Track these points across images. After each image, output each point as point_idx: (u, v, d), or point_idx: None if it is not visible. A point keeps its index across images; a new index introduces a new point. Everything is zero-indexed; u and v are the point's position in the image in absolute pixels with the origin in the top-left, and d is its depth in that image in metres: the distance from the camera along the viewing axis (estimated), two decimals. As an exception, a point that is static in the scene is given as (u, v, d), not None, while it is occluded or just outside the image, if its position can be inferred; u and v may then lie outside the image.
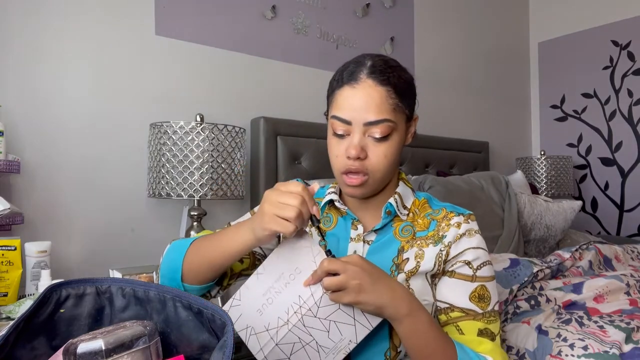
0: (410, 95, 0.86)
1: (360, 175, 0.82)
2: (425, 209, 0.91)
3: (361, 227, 0.89)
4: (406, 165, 2.26)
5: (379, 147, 0.82)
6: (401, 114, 0.83)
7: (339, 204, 0.92)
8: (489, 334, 0.81)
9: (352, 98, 0.81)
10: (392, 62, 0.86)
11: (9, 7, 1.45)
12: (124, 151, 1.64)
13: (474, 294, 0.82)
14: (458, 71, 2.79)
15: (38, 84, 1.49)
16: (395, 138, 0.83)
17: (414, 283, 0.83)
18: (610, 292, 1.29)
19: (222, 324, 0.61)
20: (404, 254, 0.85)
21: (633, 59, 2.78)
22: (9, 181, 1.43)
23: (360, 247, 0.88)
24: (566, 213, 2.02)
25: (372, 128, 0.80)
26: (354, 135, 0.81)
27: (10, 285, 1.22)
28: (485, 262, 0.85)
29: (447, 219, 0.87)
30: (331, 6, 2.19)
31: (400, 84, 0.82)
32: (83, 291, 0.68)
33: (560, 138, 3.10)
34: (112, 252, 1.59)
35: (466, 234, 0.85)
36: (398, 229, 0.88)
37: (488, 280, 0.84)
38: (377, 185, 0.86)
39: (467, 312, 0.82)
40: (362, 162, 0.82)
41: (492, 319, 0.82)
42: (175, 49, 1.76)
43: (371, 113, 0.79)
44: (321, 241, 0.85)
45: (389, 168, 0.84)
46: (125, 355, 0.56)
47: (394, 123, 0.81)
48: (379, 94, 0.80)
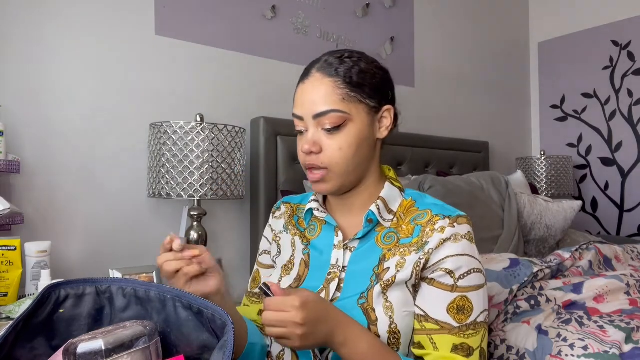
0: (372, 86, 0.83)
1: (321, 170, 0.82)
2: (411, 212, 0.86)
3: (341, 234, 0.88)
4: (406, 165, 2.26)
5: (332, 140, 0.81)
6: (356, 103, 0.81)
7: (317, 212, 0.91)
8: (465, 349, 0.77)
9: (302, 94, 0.83)
10: (348, 55, 0.85)
11: (9, 7, 1.45)
12: (124, 151, 1.64)
13: (452, 305, 0.78)
14: (458, 71, 2.79)
15: (38, 84, 1.49)
16: (352, 129, 0.81)
17: (393, 295, 0.79)
18: (610, 292, 1.29)
19: (222, 324, 0.61)
20: (385, 263, 0.82)
21: (633, 59, 2.78)
22: (9, 181, 1.43)
23: (341, 255, 0.86)
24: (566, 213, 2.02)
25: (322, 120, 0.81)
26: (308, 130, 0.83)
27: (10, 285, 1.22)
28: (470, 270, 0.79)
29: (432, 224, 0.81)
30: (331, 6, 2.19)
31: (352, 74, 0.81)
32: (82, 291, 0.68)
33: (560, 138, 3.10)
34: (112, 252, 1.59)
35: (451, 238, 0.79)
36: (380, 236, 0.85)
37: (472, 290, 0.79)
38: (343, 180, 0.83)
39: (442, 326, 0.77)
40: (317, 156, 0.82)
41: (470, 332, 0.77)
42: (175, 49, 1.76)
43: (318, 105, 0.81)
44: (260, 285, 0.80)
45: (350, 161, 0.82)
46: (125, 355, 0.56)
47: (344, 113, 0.80)
48: (324, 85, 0.81)
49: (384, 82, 0.87)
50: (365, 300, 0.80)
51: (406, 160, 2.26)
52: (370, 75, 0.84)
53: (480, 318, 0.79)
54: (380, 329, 0.78)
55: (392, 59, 2.42)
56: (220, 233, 1.81)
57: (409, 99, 2.48)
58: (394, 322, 0.78)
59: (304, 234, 0.94)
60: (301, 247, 0.92)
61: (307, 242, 0.92)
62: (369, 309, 0.79)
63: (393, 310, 0.78)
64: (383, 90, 0.86)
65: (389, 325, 0.78)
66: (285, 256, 0.95)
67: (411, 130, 2.35)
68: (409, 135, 2.29)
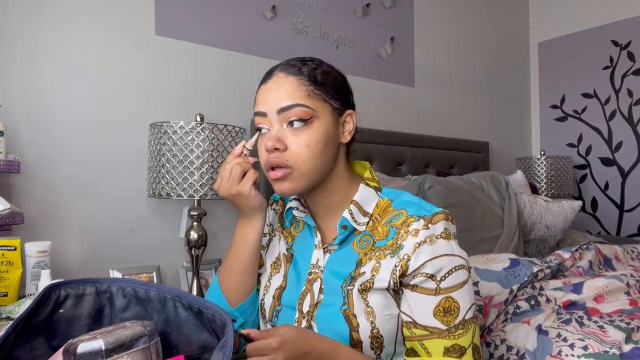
0: (335, 88, 0.83)
1: (282, 168, 0.79)
2: (387, 212, 0.84)
3: (320, 234, 0.88)
4: (406, 165, 2.26)
5: (299, 136, 0.79)
6: (321, 102, 0.81)
7: (296, 212, 0.91)
8: (457, 350, 0.76)
9: (265, 92, 0.83)
10: (309, 59, 0.85)
11: (9, 7, 1.44)
12: (124, 151, 1.64)
13: (439, 309, 0.77)
14: (458, 71, 2.79)
15: (38, 84, 1.49)
16: (318, 127, 0.80)
17: (373, 299, 0.79)
18: (610, 292, 1.29)
19: (222, 324, 0.61)
20: (362, 268, 0.81)
21: (633, 59, 2.78)
22: (9, 181, 1.43)
23: (321, 255, 0.87)
24: (566, 213, 2.02)
25: (287, 114, 0.79)
26: (272, 128, 0.81)
27: (10, 285, 1.22)
28: (451, 269, 0.77)
29: (406, 225, 0.79)
30: (331, 6, 2.19)
31: (316, 74, 0.82)
32: (82, 291, 0.68)
33: (560, 138, 3.10)
34: (112, 252, 1.59)
35: (426, 241, 0.77)
36: (356, 240, 0.84)
37: (455, 289, 0.77)
38: (308, 180, 0.81)
39: (430, 330, 0.76)
40: (281, 153, 0.79)
41: (460, 332, 0.77)
42: (175, 49, 1.76)
43: (283, 100, 0.80)
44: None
45: (316, 160, 0.80)
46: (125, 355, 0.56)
47: (310, 109, 0.79)
48: (289, 81, 0.80)
49: (345, 86, 0.87)
50: (347, 307, 0.79)
51: (406, 160, 2.26)
52: (332, 77, 0.84)
53: (468, 315, 0.78)
54: (362, 334, 0.78)
55: (392, 59, 2.42)
56: (220, 233, 1.81)
57: (409, 99, 2.47)
58: (376, 327, 0.78)
59: (290, 230, 0.95)
60: (285, 246, 0.94)
61: (291, 240, 0.94)
62: (350, 315, 0.79)
63: (374, 315, 0.78)
64: (344, 93, 0.86)
65: (371, 330, 0.78)
66: (273, 253, 0.96)
67: (411, 130, 2.35)
68: (409, 135, 2.29)
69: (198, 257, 1.54)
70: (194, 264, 1.56)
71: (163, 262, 1.67)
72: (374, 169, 2.09)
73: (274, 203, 1.03)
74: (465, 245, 1.86)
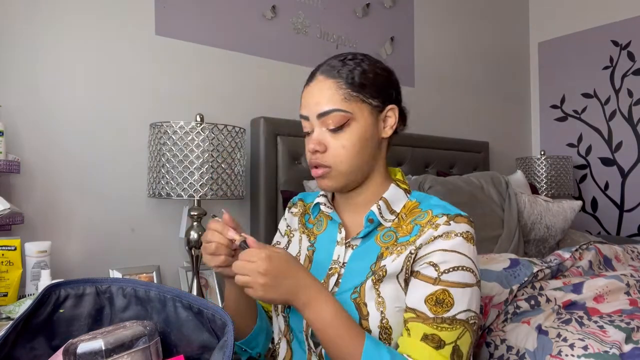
0: (375, 86, 0.86)
1: (322, 167, 0.85)
2: (413, 213, 0.86)
3: (344, 230, 0.89)
4: (406, 165, 2.26)
5: (336, 139, 0.84)
6: (358, 103, 0.84)
7: (324, 207, 0.93)
8: (435, 341, 0.74)
9: (307, 95, 0.87)
10: (351, 57, 0.88)
11: (9, 7, 1.45)
12: (124, 151, 1.64)
13: (431, 297, 0.76)
14: (458, 71, 2.78)
15: (38, 84, 1.49)
16: (355, 129, 0.84)
17: (385, 289, 0.80)
18: (610, 292, 1.29)
19: (223, 324, 0.61)
20: (382, 261, 0.82)
21: (633, 59, 2.78)
22: (9, 181, 1.43)
23: (343, 251, 0.88)
24: (566, 213, 2.02)
25: (326, 119, 0.84)
26: (314, 131, 0.86)
27: (10, 285, 1.22)
28: (458, 267, 0.77)
29: (431, 224, 0.81)
30: (331, 6, 2.19)
31: (354, 75, 0.84)
32: (82, 291, 0.68)
33: (560, 138, 3.10)
34: (112, 252, 1.59)
35: (443, 235, 0.79)
36: (380, 235, 0.86)
37: (456, 286, 0.76)
38: (347, 178, 0.85)
39: (417, 314, 0.76)
40: (322, 155, 0.85)
41: (445, 325, 0.75)
42: (175, 49, 1.76)
43: (321, 105, 0.84)
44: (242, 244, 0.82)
45: (353, 160, 0.84)
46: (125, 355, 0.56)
47: (347, 113, 0.83)
48: (327, 86, 0.84)
49: (387, 82, 0.89)
50: (357, 295, 0.81)
51: (406, 160, 2.26)
52: (372, 76, 0.86)
53: (460, 316, 0.76)
54: (371, 323, 0.78)
55: (392, 59, 2.42)
56: (220, 233, 1.81)
57: (409, 99, 2.44)
58: (385, 317, 0.78)
59: (312, 230, 0.96)
60: (307, 244, 0.95)
61: (314, 239, 0.94)
62: (361, 304, 0.80)
63: (385, 306, 0.79)
64: (386, 90, 0.88)
65: (380, 320, 0.78)
66: (292, 251, 0.97)
67: (411, 130, 2.32)
68: (409, 135, 2.29)
69: (198, 257, 1.54)
70: (194, 264, 1.56)
71: (163, 262, 1.67)
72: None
73: (293, 206, 1.04)
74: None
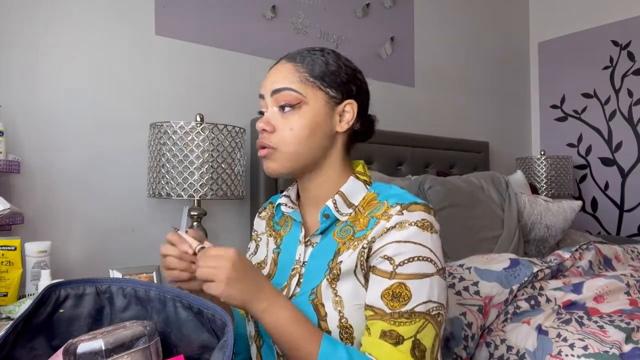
0: (335, 77, 0.84)
1: (267, 148, 0.83)
2: (371, 205, 0.84)
3: (304, 229, 0.88)
4: (406, 165, 2.26)
5: (285, 120, 0.83)
6: (314, 89, 0.83)
7: (284, 208, 0.92)
8: (394, 337, 0.72)
9: (267, 77, 0.88)
10: (319, 49, 0.88)
11: (9, 7, 1.45)
12: (124, 151, 1.64)
13: (388, 292, 0.74)
14: (458, 71, 2.78)
15: (38, 84, 1.49)
16: (306, 113, 0.82)
17: (342, 288, 0.78)
18: (610, 292, 1.29)
19: (223, 324, 0.61)
20: (339, 257, 0.80)
21: (633, 59, 2.78)
22: (9, 181, 1.43)
23: (303, 250, 0.87)
24: (566, 213, 2.02)
25: (278, 97, 0.83)
26: (267, 110, 0.86)
27: (10, 285, 1.22)
28: (413, 257, 0.75)
29: (386, 215, 0.78)
30: (331, 6, 2.19)
31: (316, 63, 0.84)
32: (82, 291, 0.68)
33: (560, 138, 3.10)
34: (112, 252, 1.59)
35: (396, 226, 0.76)
36: (337, 230, 0.85)
37: (413, 277, 0.74)
38: (292, 163, 0.83)
39: (375, 311, 0.74)
40: (269, 135, 0.83)
41: (402, 320, 0.72)
42: (175, 49, 1.76)
43: (276, 83, 0.84)
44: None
45: (300, 144, 0.82)
46: (125, 355, 0.56)
47: (299, 94, 0.82)
48: (286, 68, 0.85)
49: (350, 77, 0.87)
50: (315, 296, 0.79)
51: (406, 160, 2.26)
52: (334, 68, 0.85)
53: (419, 308, 0.73)
54: (330, 324, 0.77)
55: (392, 59, 2.42)
56: (220, 233, 1.81)
57: (409, 99, 2.47)
58: (344, 317, 0.77)
59: (279, 232, 0.95)
60: (273, 246, 0.94)
61: (280, 241, 0.93)
62: (319, 304, 0.78)
63: (343, 305, 0.77)
64: (347, 84, 0.86)
65: (339, 320, 0.77)
66: (260, 256, 0.96)
67: (411, 130, 2.35)
68: (409, 135, 2.29)
69: (198, 257, 1.54)
70: (194, 264, 1.56)
71: (163, 262, 1.67)
72: (373, 169, 2.10)
73: (263, 210, 1.04)
74: (465, 245, 1.85)
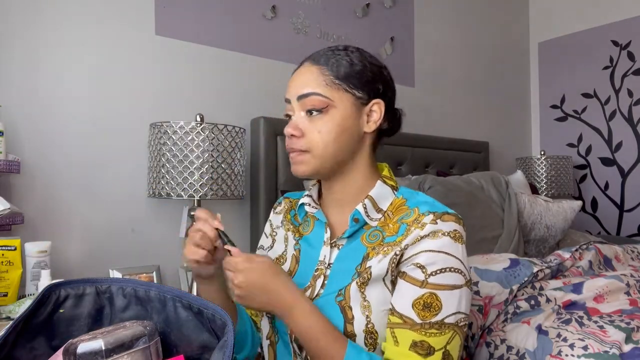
0: (361, 78, 0.84)
1: (297, 152, 0.83)
2: (400, 210, 0.84)
3: (330, 230, 0.88)
4: (406, 165, 2.26)
5: (313, 124, 0.82)
6: (340, 92, 0.82)
7: (308, 208, 0.91)
8: (425, 348, 0.73)
9: (292, 80, 0.87)
10: (343, 48, 0.87)
11: (9, 7, 1.45)
12: (124, 151, 1.64)
13: (419, 301, 0.74)
14: (458, 71, 2.79)
15: (38, 84, 1.49)
16: (334, 116, 0.82)
17: (371, 293, 0.78)
18: (610, 292, 1.29)
19: (223, 324, 0.61)
20: (368, 262, 0.80)
21: (633, 59, 2.78)
22: (9, 181, 1.43)
23: (328, 252, 0.86)
24: (566, 213, 2.02)
25: (305, 102, 0.83)
26: (294, 114, 0.85)
27: (10, 285, 1.22)
28: (445, 268, 0.75)
29: (417, 222, 0.79)
30: (331, 6, 2.19)
31: (341, 64, 0.83)
32: (82, 291, 0.68)
33: (560, 138, 3.10)
34: (112, 252, 1.59)
35: (429, 235, 0.76)
36: (366, 235, 0.84)
37: (444, 288, 0.74)
38: (320, 164, 0.83)
39: (404, 320, 0.74)
40: (298, 139, 0.83)
41: (433, 331, 0.73)
42: (175, 49, 1.76)
43: (303, 88, 0.83)
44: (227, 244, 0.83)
45: (328, 146, 0.81)
46: (125, 355, 0.56)
47: (326, 98, 0.81)
48: (310, 71, 0.84)
49: (376, 75, 0.86)
50: (342, 298, 0.79)
51: (406, 160, 2.26)
52: (360, 68, 0.84)
53: (449, 319, 0.74)
54: (356, 327, 0.77)
55: (392, 59, 2.42)
56: (220, 233, 1.81)
57: (409, 99, 2.47)
58: (371, 322, 0.77)
59: (298, 228, 0.94)
60: (293, 242, 0.93)
61: (299, 237, 0.92)
62: (346, 307, 0.78)
63: (370, 310, 0.77)
64: (373, 83, 0.85)
65: (366, 324, 0.77)
66: (278, 250, 0.95)
67: (411, 130, 2.35)
68: (409, 135, 2.29)
69: (198, 257, 1.54)
70: (194, 264, 1.56)
71: (163, 262, 1.67)
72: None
73: (277, 206, 1.02)
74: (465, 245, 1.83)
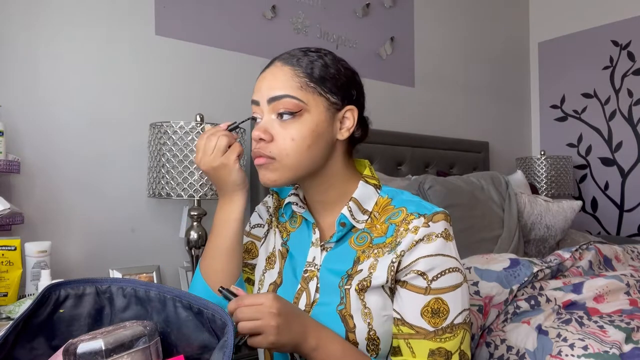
0: (335, 82, 0.80)
1: (265, 157, 0.78)
2: (386, 211, 0.83)
3: (318, 231, 0.86)
4: (406, 165, 2.26)
5: (285, 129, 0.77)
6: (314, 95, 0.78)
7: (295, 207, 0.89)
8: (443, 354, 0.75)
9: (261, 80, 0.82)
10: (314, 50, 0.83)
11: (9, 8, 1.44)
12: (124, 151, 1.64)
13: (427, 309, 0.75)
14: (458, 71, 2.78)
15: (38, 84, 1.49)
16: (308, 121, 0.77)
17: (370, 300, 0.78)
18: (610, 292, 1.29)
19: (223, 324, 0.61)
20: (359, 265, 0.80)
21: (633, 59, 2.78)
22: (9, 181, 1.43)
23: (318, 253, 0.85)
24: (566, 213, 2.02)
25: (276, 104, 0.78)
26: (263, 117, 0.80)
27: (10, 285, 1.22)
28: (445, 270, 0.76)
29: (406, 223, 0.78)
30: (331, 6, 2.19)
31: (314, 66, 0.79)
32: (82, 291, 0.68)
33: (560, 138, 3.10)
34: (112, 252, 1.59)
35: (424, 239, 0.76)
36: (354, 237, 0.83)
37: (447, 290, 0.76)
38: (292, 174, 0.79)
39: (417, 330, 0.75)
40: (267, 144, 0.78)
41: (447, 335, 0.75)
42: (175, 49, 1.76)
43: (274, 89, 0.78)
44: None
45: (302, 155, 0.77)
46: (125, 355, 0.56)
47: (300, 101, 0.77)
48: (283, 72, 0.80)
49: (350, 81, 0.83)
50: (343, 307, 0.78)
51: (406, 160, 2.26)
52: (334, 71, 0.81)
53: (458, 320, 0.76)
54: (358, 336, 0.77)
55: (392, 59, 2.42)
56: (220, 233, 1.81)
57: (409, 99, 2.47)
58: (373, 329, 0.77)
59: (285, 225, 0.93)
60: (280, 240, 0.92)
61: (287, 236, 0.92)
62: (347, 316, 0.78)
63: (372, 317, 0.77)
64: (347, 88, 0.82)
65: (368, 332, 0.77)
66: (269, 247, 0.94)
67: (411, 130, 2.35)
68: (409, 135, 2.29)
69: (198, 257, 1.54)
70: (194, 264, 1.56)
71: (163, 262, 1.67)
72: (374, 169, 2.10)
73: (268, 201, 1.01)
74: (465, 245, 1.85)
